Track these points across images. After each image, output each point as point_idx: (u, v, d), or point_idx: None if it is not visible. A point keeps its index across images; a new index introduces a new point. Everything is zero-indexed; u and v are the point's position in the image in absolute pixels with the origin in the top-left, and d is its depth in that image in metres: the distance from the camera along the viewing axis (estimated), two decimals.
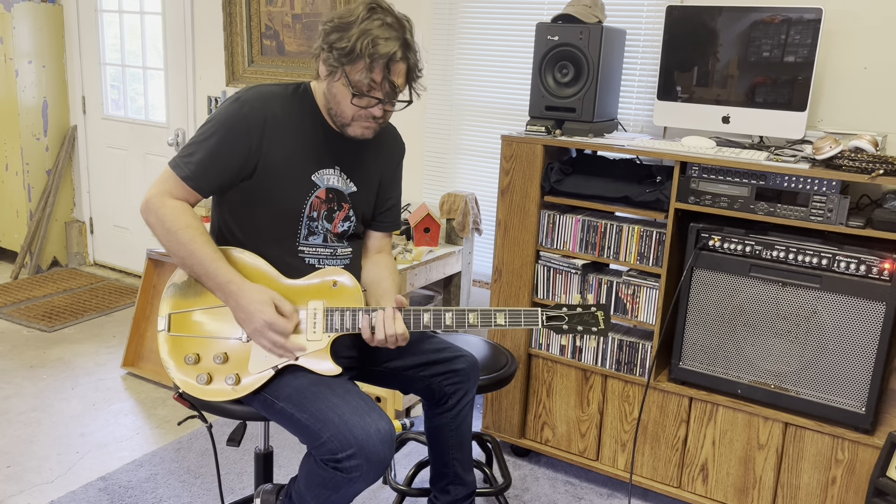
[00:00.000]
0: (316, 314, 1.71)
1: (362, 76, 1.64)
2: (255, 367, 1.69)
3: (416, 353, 1.91)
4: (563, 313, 1.75)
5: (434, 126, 3.40)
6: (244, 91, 1.74)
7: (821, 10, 2.25)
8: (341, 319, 1.71)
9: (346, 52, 1.62)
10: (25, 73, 4.50)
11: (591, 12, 2.54)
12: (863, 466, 2.20)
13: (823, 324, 2.19)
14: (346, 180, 1.83)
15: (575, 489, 2.67)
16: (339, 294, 1.74)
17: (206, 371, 1.70)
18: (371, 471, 1.58)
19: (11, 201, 4.71)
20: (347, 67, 1.65)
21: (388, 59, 1.63)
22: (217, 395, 1.70)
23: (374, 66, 1.63)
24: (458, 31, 3.25)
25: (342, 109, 1.71)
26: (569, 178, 2.55)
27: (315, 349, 1.70)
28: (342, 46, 1.63)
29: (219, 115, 1.71)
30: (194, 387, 1.70)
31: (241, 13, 3.89)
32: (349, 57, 1.63)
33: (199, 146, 1.69)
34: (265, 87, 1.77)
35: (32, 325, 3.89)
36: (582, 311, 1.75)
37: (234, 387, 1.69)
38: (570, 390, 2.66)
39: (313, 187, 1.77)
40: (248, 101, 1.71)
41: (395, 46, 1.63)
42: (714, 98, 2.47)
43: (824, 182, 2.14)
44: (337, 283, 1.74)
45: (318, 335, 1.70)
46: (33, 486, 2.54)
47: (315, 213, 1.78)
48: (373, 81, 1.65)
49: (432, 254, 3.07)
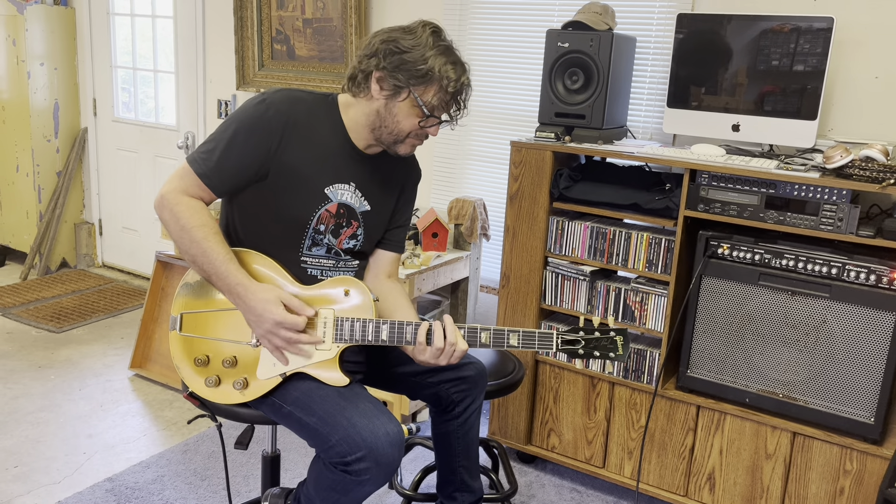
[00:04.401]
0: (326, 323, 1.67)
1: (434, 98, 1.68)
2: (264, 373, 1.69)
3: None
4: (580, 337, 1.69)
5: (443, 131, 3.38)
6: (271, 93, 1.71)
7: (832, 20, 2.24)
8: (352, 329, 1.67)
9: (421, 74, 1.65)
10: (37, 75, 4.53)
11: (602, 19, 2.55)
12: (871, 477, 2.19)
13: (833, 333, 2.19)
14: (362, 198, 1.81)
15: (581, 496, 2.67)
16: (350, 303, 1.71)
17: (216, 374, 1.70)
18: (380, 473, 1.58)
19: (22, 202, 4.73)
20: (419, 88, 1.66)
21: (461, 84, 1.69)
22: (225, 398, 1.70)
23: (449, 90, 1.67)
24: (467, 36, 3.26)
25: (401, 128, 1.72)
26: (578, 184, 2.55)
27: (323, 358, 1.67)
28: (417, 69, 1.64)
29: (241, 115, 1.68)
30: (203, 388, 1.70)
31: (252, 17, 3.90)
32: (423, 79, 1.65)
33: (218, 144, 1.67)
34: (293, 92, 1.74)
35: (41, 326, 3.91)
36: (600, 336, 1.68)
37: (241, 391, 1.69)
38: (577, 397, 2.66)
39: (325, 200, 1.75)
40: (273, 104, 1.69)
41: (464, 72, 1.70)
42: (724, 106, 2.47)
43: (834, 191, 2.13)
44: (349, 291, 1.71)
45: (326, 345, 1.67)
46: (40, 486, 2.55)
47: (322, 226, 1.76)
48: (443, 103, 1.69)
49: (440, 259, 3.07)
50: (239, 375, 1.69)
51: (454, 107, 1.73)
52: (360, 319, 1.67)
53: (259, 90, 3.95)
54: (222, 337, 1.71)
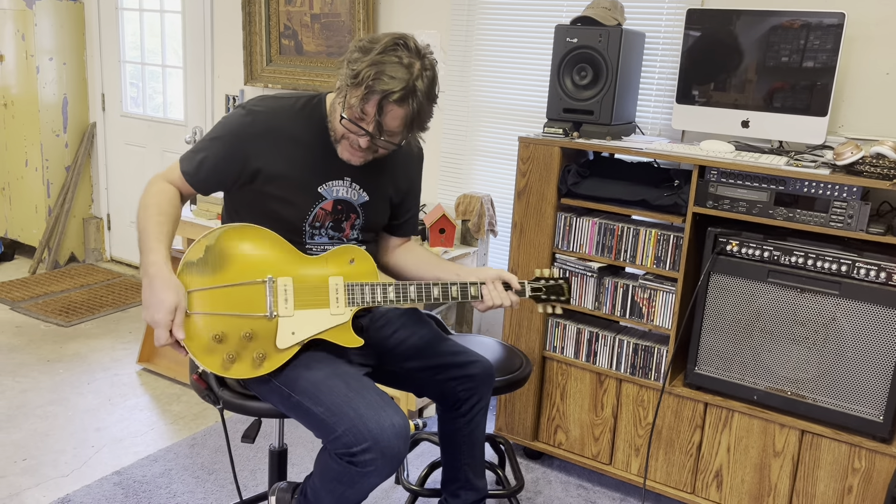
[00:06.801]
0: (338, 289, 1.76)
1: (356, 102, 1.65)
2: (283, 342, 1.70)
3: (433, 355, 1.92)
4: (541, 285, 1.92)
5: (451, 127, 3.40)
6: (255, 102, 1.79)
7: (843, 15, 2.23)
8: (362, 293, 1.77)
9: (353, 75, 1.64)
10: (46, 69, 4.54)
11: (611, 15, 2.54)
12: (880, 476, 2.18)
13: (842, 331, 2.17)
14: (359, 190, 1.85)
15: (587, 493, 2.66)
16: (357, 270, 1.80)
17: (233, 350, 1.68)
18: (385, 465, 1.58)
19: (31, 197, 4.75)
20: (349, 90, 1.66)
21: (383, 96, 1.61)
22: (244, 373, 1.69)
23: (369, 98, 1.63)
24: (475, 32, 3.25)
25: (334, 126, 1.75)
26: (586, 180, 2.54)
27: (338, 322, 1.75)
28: (352, 69, 1.64)
29: (226, 122, 1.78)
30: (220, 366, 1.68)
31: (261, 12, 3.90)
32: (353, 80, 1.64)
33: (202, 147, 1.78)
34: (276, 101, 1.80)
35: (50, 320, 3.92)
36: (554, 284, 1.92)
37: (261, 364, 1.68)
38: (585, 394, 2.65)
39: (319, 199, 1.80)
40: (254, 113, 1.77)
41: (395, 86, 1.60)
42: (733, 102, 2.45)
43: (845, 188, 2.12)
44: (354, 259, 1.80)
45: (340, 308, 1.75)
46: (49, 479, 2.56)
47: (318, 223, 1.82)
48: (363, 112, 1.65)
49: (447, 254, 3.07)
50: (258, 349, 1.69)
51: (374, 124, 1.65)
52: (368, 283, 1.78)
53: (267, 85, 3.96)
54: (237, 312, 1.70)
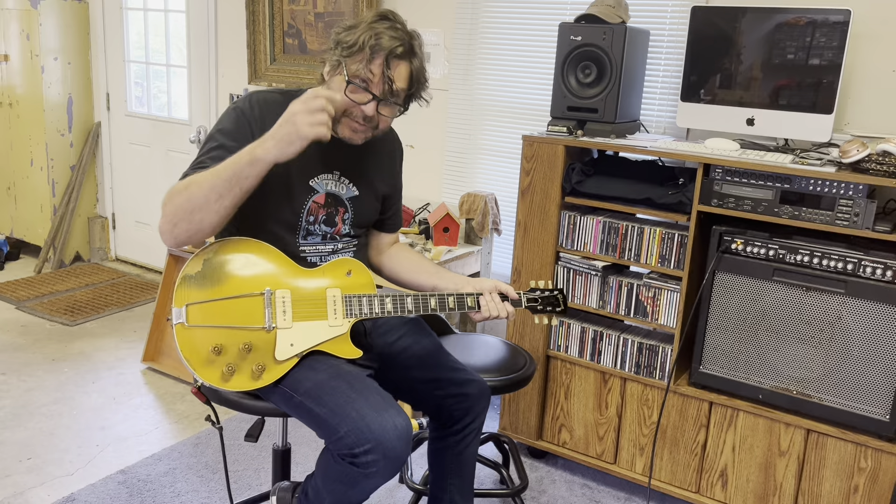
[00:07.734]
0: (335, 301, 1.76)
1: (360, 66, 1.65)
2: (282, 354, 1.70)
3: (433, 367, 1.92)
4: (537, 296, 1.92)
5: (454, 125, 3.40)
6: (244, 98, 1.79)
7: (849, 12, 2.21)
8: (360, 305, 1.77)
9: (349, 45, 1.64)
10: (51, 69, 4.55)
11: (615, 12, 2.53)
12: (886, 475, 2.16)
13: (848, 329, 2.16)
14: (349, 184, 1.85)
15: (592, 492, 2.66)
16: (354, 282, 1.79)
17: (232, 362, 1.69)
18: (387, 466, 1.57)
19: (36, 196, 4.76)
20: (348, 60, 1.66)
21: (389, 52, 1.64)
22: (242, 386, 1.69)
23: (375, 58, 1.64)
24: (479, 30, 3.24)
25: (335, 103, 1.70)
26: (590, 179, 2.53)
27: (337, 334, 1.75)
28: (347, 41, 1.65)
29: (219, 123, 1.77)
30: (218, 379, 1.68)
31: (264, 11, 3.90)
32: (351, 49, 1.64)
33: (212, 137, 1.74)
34: (266, 94, 1.79)
35: (55, 319, 3.93)
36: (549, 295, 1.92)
37: (259, 377, 1.69)
38: (589, 393, 2.64)
39: (311, 192, 1.80)
40: (250, 102, 1.76)
41: (397, 43, 1.65)
42: (738, 100, 2.44)
43: (851, 186, 2.11)
44: (351, 271, 1.80)
45: (338, 320, 1.75)
46: (54, 478, 2.57)
47: (312, 216, 1.81)
48: (370, 73, 1.65)
49: (451, 253, 3.07)
50: (256, 361, 1.69)
51: (385, 83, 1.66)
52: (366, 295, 1.78)
53: (271, 84, 3.96)
54: (235, 324, 1.71)
